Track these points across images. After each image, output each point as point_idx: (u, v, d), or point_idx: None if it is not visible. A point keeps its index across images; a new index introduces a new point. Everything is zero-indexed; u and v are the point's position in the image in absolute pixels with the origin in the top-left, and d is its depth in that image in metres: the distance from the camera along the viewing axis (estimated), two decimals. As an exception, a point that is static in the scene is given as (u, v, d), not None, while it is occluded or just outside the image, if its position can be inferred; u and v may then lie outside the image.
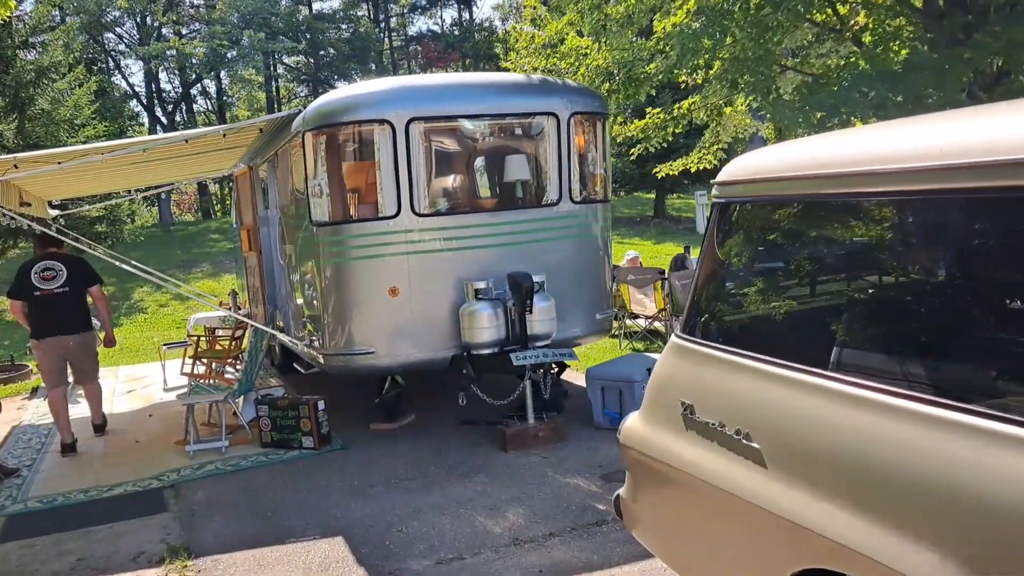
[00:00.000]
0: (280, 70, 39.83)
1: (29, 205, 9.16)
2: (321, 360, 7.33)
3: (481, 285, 6.76)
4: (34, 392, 11.25)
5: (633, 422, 3.33)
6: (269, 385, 8.96)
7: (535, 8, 12.07)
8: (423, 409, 7.91)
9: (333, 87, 33.61)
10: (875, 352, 2.41)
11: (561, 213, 7.26)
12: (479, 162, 7.37)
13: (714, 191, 3.11)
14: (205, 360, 10.01)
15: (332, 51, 36.01)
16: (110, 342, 8.43)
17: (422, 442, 7.02)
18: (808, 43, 10.86)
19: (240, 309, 11.18)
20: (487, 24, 45.82)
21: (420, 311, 6.93)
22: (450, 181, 7.34)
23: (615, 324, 9.79)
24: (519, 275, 6.61)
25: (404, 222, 6.82)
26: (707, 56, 8.13)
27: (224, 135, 7.35)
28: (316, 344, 7.41)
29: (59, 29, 21.06)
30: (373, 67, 36.95)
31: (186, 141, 7.30)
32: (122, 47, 35.50)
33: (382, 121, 6.68)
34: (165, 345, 11.15)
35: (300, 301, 7.89)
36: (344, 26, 38.92)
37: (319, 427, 7.10)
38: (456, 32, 42.86)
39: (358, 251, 6.89)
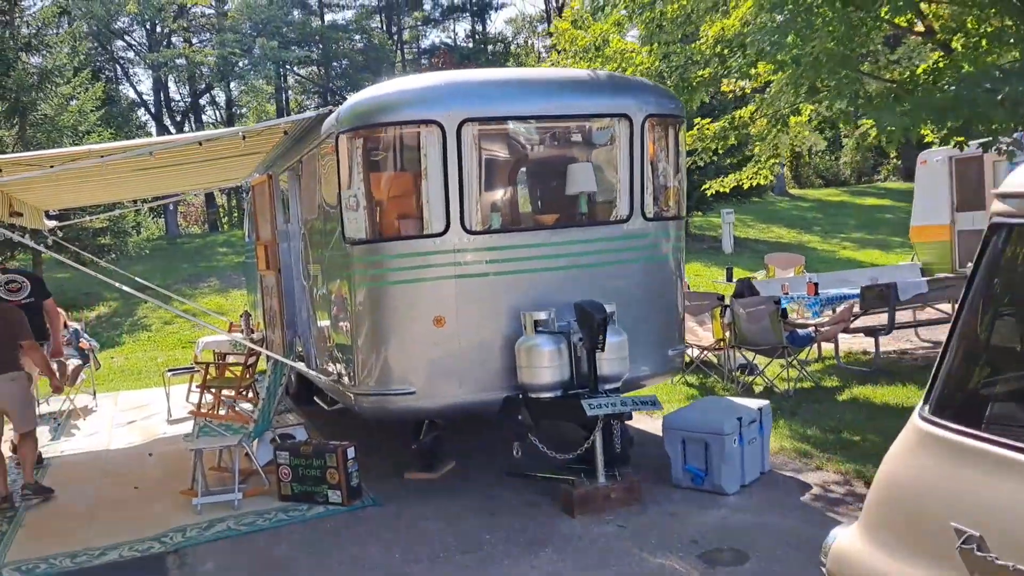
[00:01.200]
0: (290, 81, 39.03)
1: (20, 215, 8.19)
2: (350, 398, 6.32)
3: (542, 316, 5.75)
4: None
5: (851, 544, 2.30)
6: (286, 423, 7.94)
7: (576, 8, 11.14)
8: (463, 455, 6.88)
9: (344, 99, 32.74)
10: None
11: (632, 231, 6.25)
12: (538, 171, 6.36)
13: (996, 206, 2.09)
14: (213, 390, 9.01)
15: (345, 62, 35.19)
16: (58, 352, 8.35)
17: (469, 499, 5.98)
18: (876, 49, 9.86)
19: (253, 332, 10.18)
20: (500, 36, 45.08)
21: (469, 345, 5.92)
22: (505, 192, 6.34)
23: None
24: (589, 305, 5.58)
25: (453, 240, 5.82)
26: (794, 52, 7.13)
27: (244, 137, 6.37)
28: (345, 380, 6.40)
29: (65, 32, 20.21)
30: (386, 79, 36.10)
31: (200, 144, 6.33)
32: (131, 55, 34.75)
33: (430, 122, 5.69)
34: (170, 371, 10.14)
35: (326, 329, 6.88)
36: (357, 37, 38.14)
37: (348, 479, 6.07)
38: (470, 45, 42.07)
39: (398, 273, 5.88)
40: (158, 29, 33.48)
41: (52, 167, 5.84)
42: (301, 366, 6.99)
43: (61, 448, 8.65)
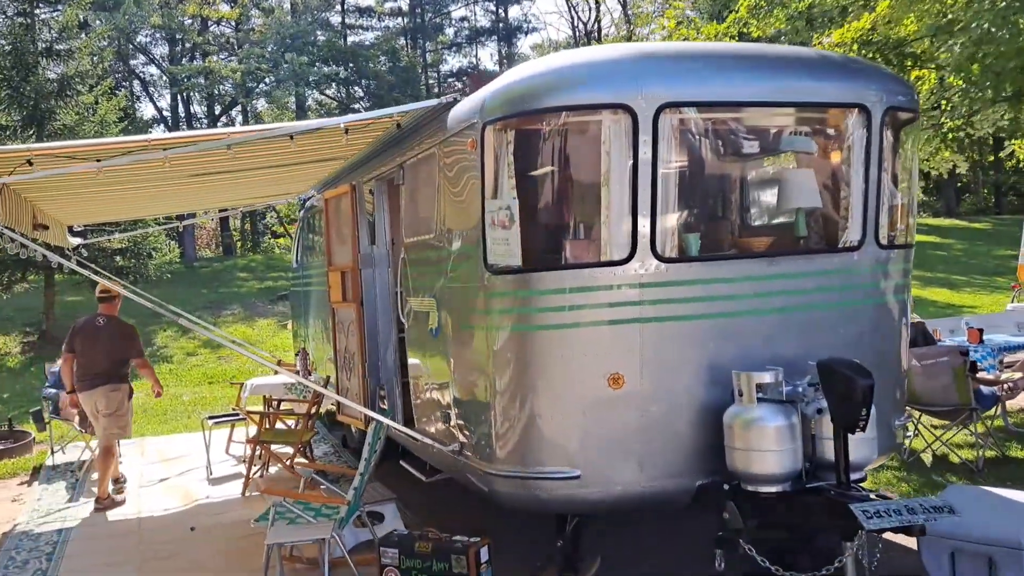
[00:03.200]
0: (310, 102, 37.71)
1: (46, 228, 6.66)
2: (478, 477, 4.73)
3: (767, 378, 4.16)
4: (36, 472, 8.63)
5: None
6: (372, 497, 6.32)
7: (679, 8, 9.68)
8: (610, 551, 5.27)
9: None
10: None
11: (863, 263, 4.69)
12: (744, 177, 4.81)
13: None
14: (265, 444, 7.42)
15: (374, 81, 33.90)
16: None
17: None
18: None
19: (310, 374, 8.61)
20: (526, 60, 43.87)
21: (655, 413, 4.35)
22: (705, 206, 4.78)
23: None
24: (846, 365, 3.99)
25: (639, 270, 4.26)
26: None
27: (346, 131, 4.83)
28: (470, 453, 4.81)
29: (88, 36, 18.87)
30: (412, 101, 34.79)
31: (291, 137, 4.81)
32: (152, 69, 33.50)
33: (617, 107, 4.15)
34: (210, 418, 8.54)
35: (438, 381, 5.30)
36: (383, 58, 36.96)
37: (481, 590, 4.47)
38: (499, 69, 40.90)
39: (562, 314, 4.32)
40: (180, 45, 32.25)
41: (99, 161, 4.33)
42: (408, 430, 5.37)
43: (80, 514, 7.03)
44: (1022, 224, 14.02)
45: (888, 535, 5.16)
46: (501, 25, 43.72)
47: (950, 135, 8.60)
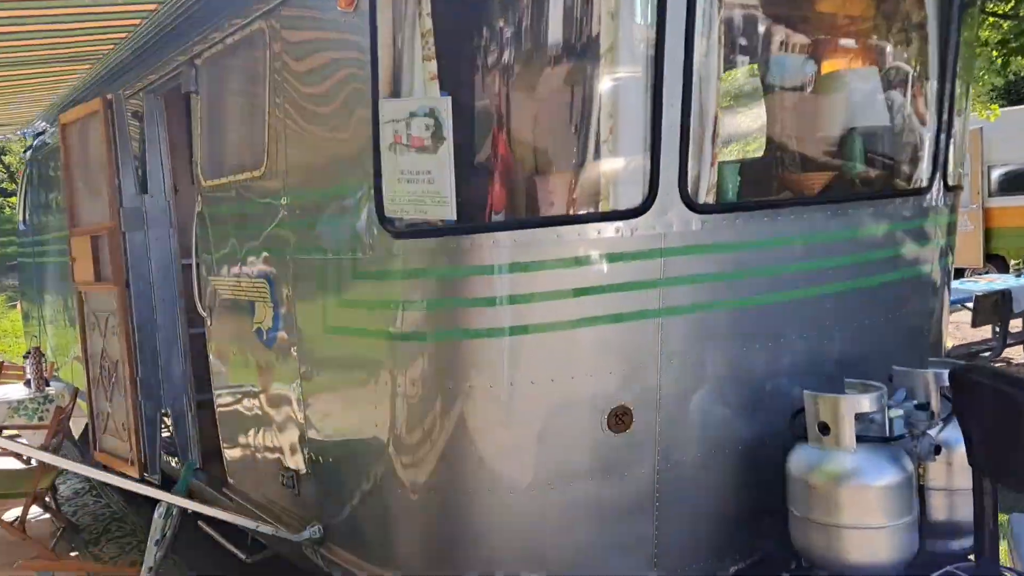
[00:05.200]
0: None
1: None
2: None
3: (866, 403, 2.52)
4: None
5: None
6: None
7: None
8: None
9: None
10: None
11: (931, 212, 3.19)
12: (787, 81, 3.09)
13: None
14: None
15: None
16: None
17: None
18: None
19: (47, 384, 5.99)
20: None
21: (678, 468, 2.60)
22: (748, 126, 3.02)
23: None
24: (1000, 378, 2.44)
25: (659, 227, 2.44)
26: None
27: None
28: (346, 547, 2.82)
29: None
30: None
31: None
32: None
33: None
34: None
35: (272, 418, 3.20)
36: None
37: None
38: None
39: (522, 309, 2.42)
40: None
41: None
42: (235, 517, 3.17)
43: None
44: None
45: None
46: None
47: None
